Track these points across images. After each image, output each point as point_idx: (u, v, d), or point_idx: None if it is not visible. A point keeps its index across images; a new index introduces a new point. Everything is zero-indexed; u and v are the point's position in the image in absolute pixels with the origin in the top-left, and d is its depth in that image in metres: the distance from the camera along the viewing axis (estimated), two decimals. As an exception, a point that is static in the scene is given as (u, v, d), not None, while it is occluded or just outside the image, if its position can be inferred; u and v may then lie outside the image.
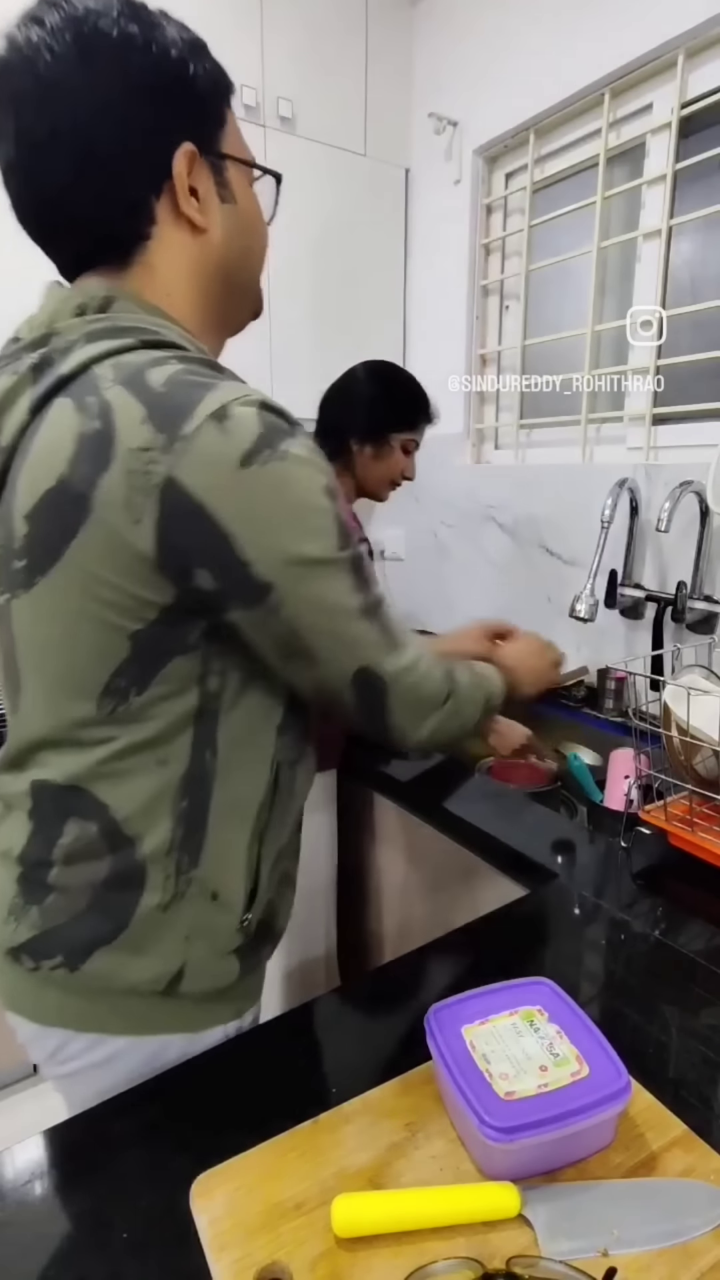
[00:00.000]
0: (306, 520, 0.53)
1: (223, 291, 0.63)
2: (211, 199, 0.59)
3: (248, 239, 0.63)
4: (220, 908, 0.62)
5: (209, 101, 0.57)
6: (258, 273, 0.66)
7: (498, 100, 1.62)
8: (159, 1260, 0.48)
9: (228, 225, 0.60)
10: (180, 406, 0.49)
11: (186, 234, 0.58)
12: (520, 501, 1.68)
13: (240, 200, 0.61)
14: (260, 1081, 0.62)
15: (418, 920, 1.23)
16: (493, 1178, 0.50)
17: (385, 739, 0.63)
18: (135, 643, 0.53)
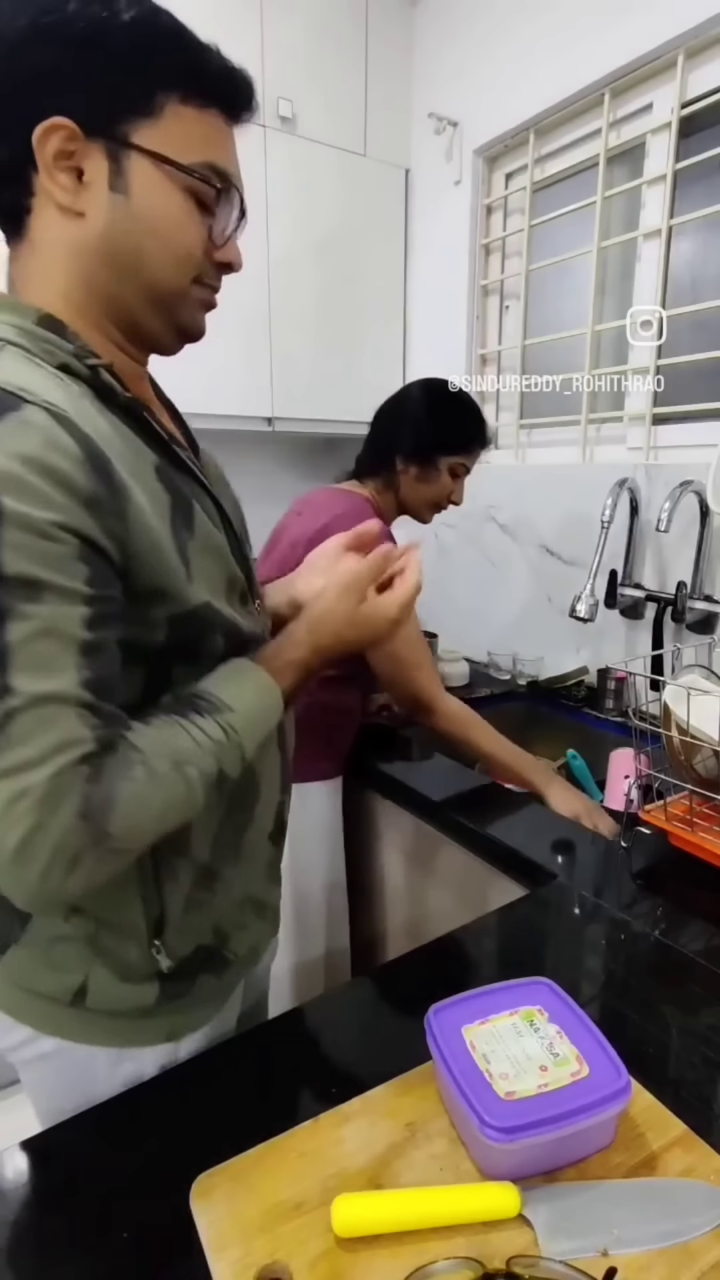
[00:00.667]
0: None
1: (114, 287, 0.57)
2: (99, 184, 0.54)
3: (142, 240, 0.56)
4: (118, 934, 0.59)
5: (121, 83, 0.52)
6: (165, 284, 0.58)
7: (498, 100, 1.62)
8: (159, 1260, 0.48)
9: (115, 217, 0.54)
10: None
11: (63, 215, 0.54)
12: (520, 501, 1.68)
13: (139, 196, 0.54)
14: (260, 1081, 0.62)
15: (417, 920, 1.23)
16: (493, 1178, 0.50)
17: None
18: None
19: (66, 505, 0.46)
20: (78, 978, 0.59)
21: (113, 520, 0.49)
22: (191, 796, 0.52)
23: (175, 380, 1.27)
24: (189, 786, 0.52)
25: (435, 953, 0.80)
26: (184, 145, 0.55)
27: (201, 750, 0.53)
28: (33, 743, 0.44)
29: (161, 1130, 0.57)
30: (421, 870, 1.20)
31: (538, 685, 1.59)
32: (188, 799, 0.52)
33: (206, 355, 1.79)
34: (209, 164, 0.56)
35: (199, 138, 0.56)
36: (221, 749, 0.54)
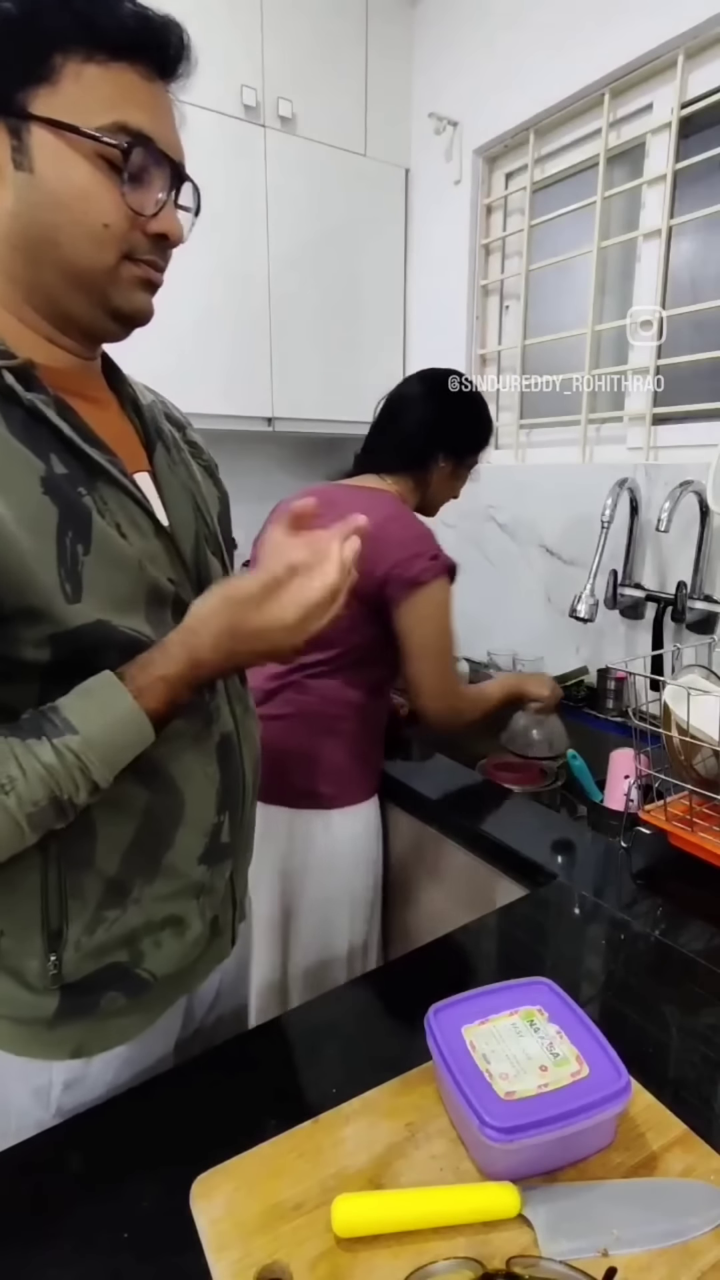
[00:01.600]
0: None
1: (28, 275, 0.53)
2: (3, 163, 0.50)
3: (54, 217, 0.51)
4: (18, 941, 0.57)
5: (14, 48, 0.48)
6: (82, 261, 0.53)
7: (498, 100, 1.62)
8: (159, 1260, 0.48)
9: (21, 196, 0.50)
10: None
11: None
12: (520, 501, 1.68)
13: (45, 170, 0.50)
14: (261, 1081, 0.62)
15: (418, 920, 1.23)
16: (493, 1178, 0.50)
17: None
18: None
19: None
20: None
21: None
22: (5, 826, 0.48)
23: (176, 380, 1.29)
24: (3, 812, 0.48)
25: (435, 953, 0.80)
26: (89, 108, 0.49)
27: (26, 777, 0.48)
28: None
29: (161, 1130, 0.57)
30: (421, 870, 1.20)
31: (538, 685, 1.59)
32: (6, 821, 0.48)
33: (207, 355, 1.80)
34: (119, 124, 0.50)
35: (106, 98, 0.50)
36: (54, 775, 0.49)
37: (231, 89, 1.53)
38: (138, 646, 0.55)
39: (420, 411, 1.17)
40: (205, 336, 1.61)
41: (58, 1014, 0.59)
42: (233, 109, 1.54)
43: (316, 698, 1.11)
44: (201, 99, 1.50)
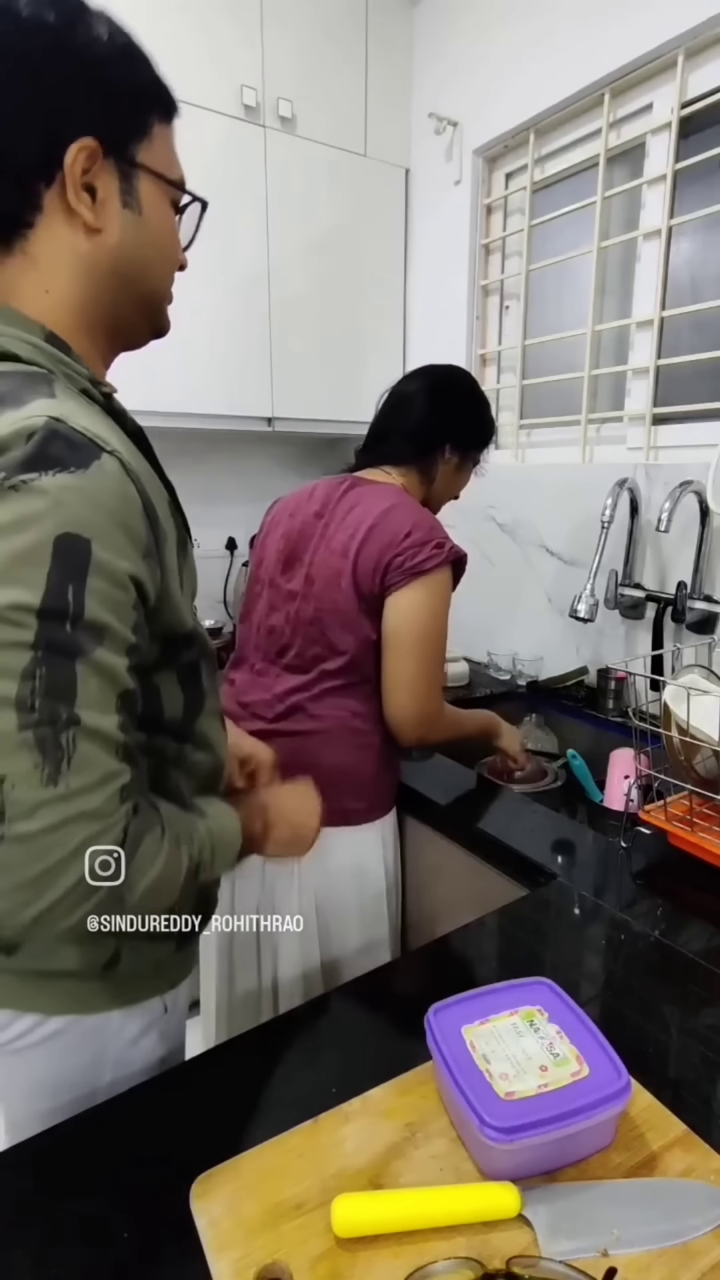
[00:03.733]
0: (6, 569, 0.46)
1: (115, 298, 0.60)
2: (112, 202, 0.57)
3: (149, 252, 0.60)
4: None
5: (128, 106, 0.56)
6: (159, 291, 0.63)
7: (498, 100, 1.62)
8: (159, 1260, 0.48)
9: (128, 232, 0.58)
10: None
11: (78, 231, 0.56)
12: (520, 501, 1.68)
13: (148, 213, 0.59)
14: (260, 1081, 0.62)
15: (417, 920, 1.23)
16: (493, 1178, 0.50)
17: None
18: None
19: (135, 558, 0.50)
20: (110, 948, 0.62)
21: (155, 568, 0.53)
22: (178, 874, 0.54)
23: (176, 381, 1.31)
24: (184, 863, 0.54)
25: (435, 953, 0.80)
26: (169, 163, 0.60)
27: (195, 838, 0.56)
28: (87, 774, 0.47)
29: (161, 1130, 0.57)
30: (421, 870, 1.20)
31: (538, 685, 1.59)
32: (174, 876, 0.54)
33: (207, 355, 1.80)
34: (182, 179, 0.62)
35: (171, 154, 0.60)
36: (203, 847, 0.57)
37: (231, 89, 1.54)
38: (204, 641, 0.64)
39: (427, 403, 1.15)
40: (205, 336, 1.61)
41: (175, 950, 0.68)
42: (233, 109, 1.55)
43: (338, 713, 1.07)
44: (201, 99, 1.50)
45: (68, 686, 0.46)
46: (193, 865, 0.56)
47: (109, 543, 0.48)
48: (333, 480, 1.16)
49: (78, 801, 0.46)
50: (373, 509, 1.05)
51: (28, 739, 0.45)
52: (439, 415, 1.14)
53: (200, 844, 0.57)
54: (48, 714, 0.45)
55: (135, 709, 0.52)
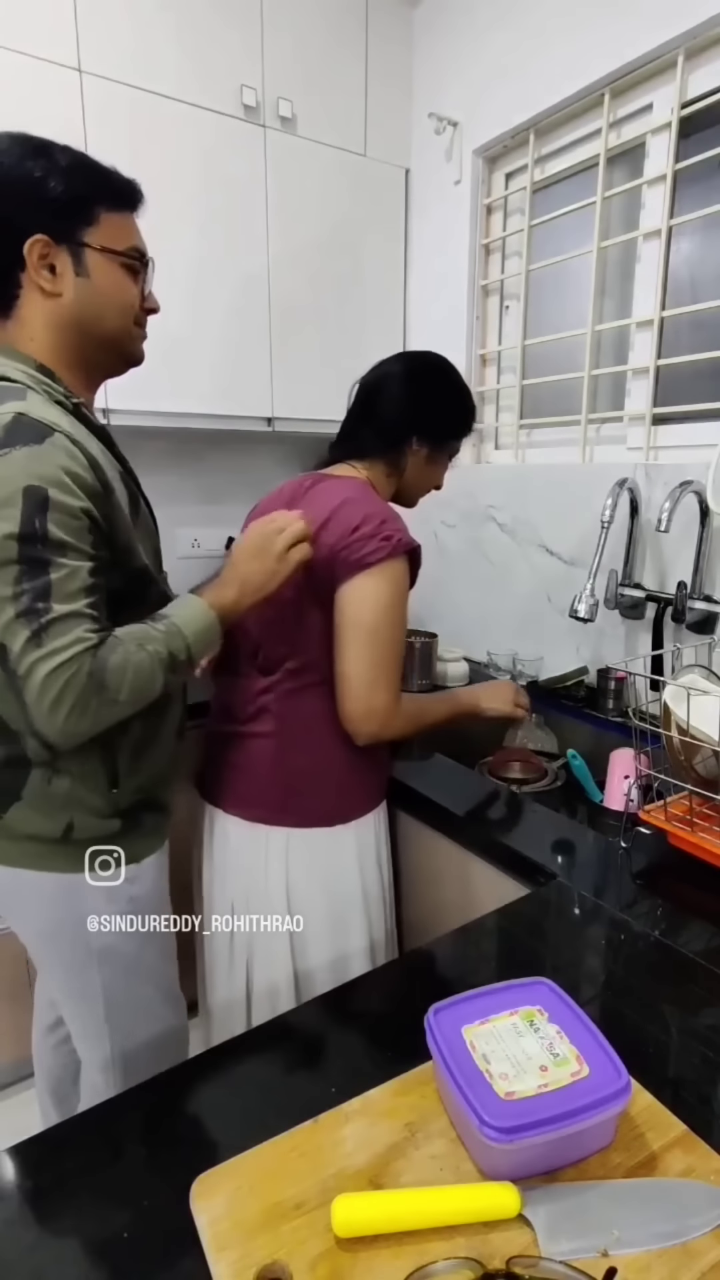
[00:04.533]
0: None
1: (80, 341, 0.83)
2: (68, 274, 0.80)
3: (100, 308, 0.83)
4: (89, 787, 0.86)
5: (72, 208, 0.79)
6: (116, 333, 0.85)
7: (498, 100, 1.62)
8: (159, 1260, 0.48)
9: (80, 293, 0.81)
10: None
11: (44, 298, 0.80)
12: (520, 501, 1.68)
13: (95, 277, 0.81)
14: (260, 1081, 0.62)
15: (418, 920, 1.23)
16: (493, 1178, 0.50)
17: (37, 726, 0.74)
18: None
19: (83, 498, 0.74)
20: (65, 819, 0.85)
21: (105, 507, 0.77)
22: (152, 665, 0.78)
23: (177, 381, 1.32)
24: (150, 657, 0.78)
25: (435, 953, 0.80)
26: (116, 238, 0.82)
27: (156, 636, 0.80)
28: (63, 639, 0.71)
29: (161, 1130, 0.57)
30: (421, 870, 1.20)
31: (538, 685, 1.59)
32: (150, 666, 0.78)
33: (207, 356, 1.80)
34: (133, 248, 0.84)
35: (122, 231, 0.83)
36: (170, 637, 0.80)
37: (231, 89, 1.53)
38: (159, 589, 0.90)
39: (394, 393, 1.11)
40: (205, 337, 1.61)
41: (121, 831, 0.89)
42: (233, 109, 1.54)
43: (300, 714, 1.05)
44: (201, 99, 1.50)
45: (44, 587, 0.70)
46: (164, 655, 0.79)
47: (62, 489, 0.71)
48: (299, 478, 1.14)
49: (56, 656, 0.70)
50: (328, 505, 1.02)
51: (21, 623, 0.70)
52: (405, 406, 1.10)
53: (165, 636, 0.80)
54: (32, 606, 0.70)
55: (100, 594, 0.76)
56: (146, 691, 0.79)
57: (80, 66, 1.36)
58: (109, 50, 1.38)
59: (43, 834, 0.86)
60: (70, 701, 0.71)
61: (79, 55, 1.36)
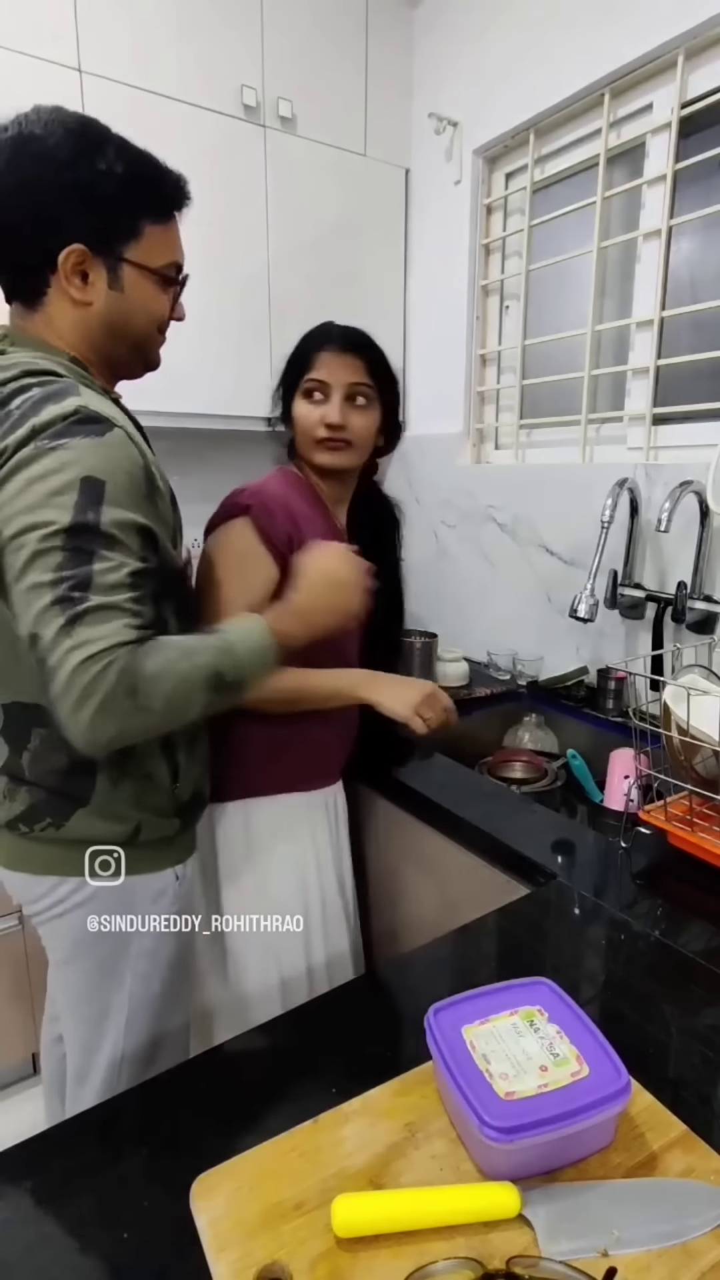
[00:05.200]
0: (42, 506, 0.67)
1: (109, 345, 0.82)
2: (100, 284, 0.78)
3: (128, 319, 0.81)
4: (154, 784, 0.85)
5: (117, 220, 0.77)
6: (143, 341, 0.85)
7: (498, 100, 1.62)
8: (159, 1260, 0.48)
9: (110, 305, 0.79)
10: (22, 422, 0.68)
11: (69, 303, 0.78)
12: (520, 501, 1.68)
13: (129, 291, 0.80)
14: (260, 1081, 0.62)
15: (418, 920, 1.23)
16: (493, 1178, 0.50)
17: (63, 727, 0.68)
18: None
19: (137, 498, 0.72)
20: (133, 822, 0.84)
21: (152, 507, 0.76)
22: (194, 679, 0.72)
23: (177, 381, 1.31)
24: (194, 670, 0.72)
25: (435, 953, 0.80)
26: (157, 253, 0.80)
27: (205, 649, 0.74)
28: (97, 629, 0.66)
29: (161, 1130, 0.58)
30: (422, 870, 1.20)
31: (538, 685, 1.59)
32: (192, 680, 0.72)
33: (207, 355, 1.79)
34: (171, 264, 0.83)
35: (164, 246, 0.81)
36: (220, 653, 0.75)
37: (231, 89, 1.53)
38: (188, 582, 0.93)
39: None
40: (205, 337, 1.61)
41: (177, 831, 0.90)
42: (233, 109, 1.54)
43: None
44: (201, 99, 1.50)
45: (85, 577, 0.66)
46: (209, 671, 0.73)
47: (117, 484, 0.69)
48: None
49: (88, 647, 0.65)
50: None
51: (55, 610, 0.65)
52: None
53: (216, 652, 0.74)
54: (69, 595, 0.65)
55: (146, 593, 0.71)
56: (184, 708, 0.73)
57: (80, 66, 1.36)
58: (109, 50, 1.38)
59: (110, 838, 0.83)
60: (98, 700, 0.65)
61: (79, 55, 1.36)
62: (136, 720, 0.68)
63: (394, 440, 1.20)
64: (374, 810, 1.29)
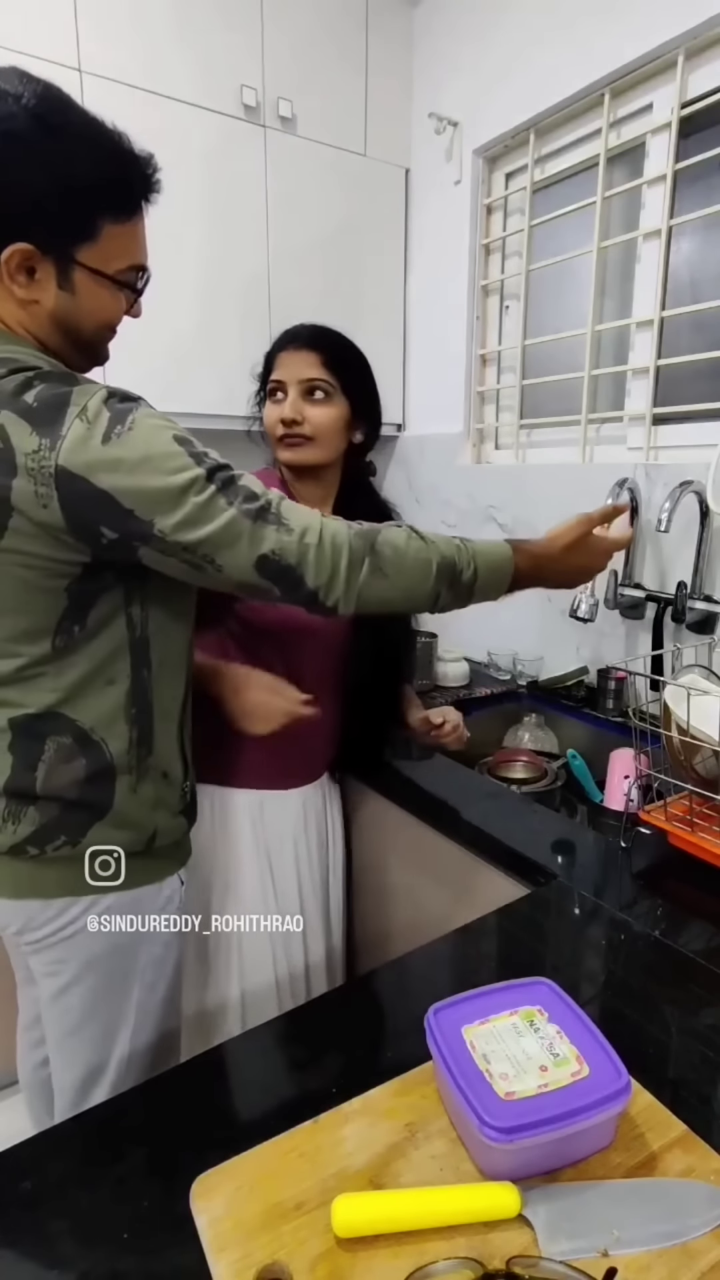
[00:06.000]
0: (164, 460, 0.67)
1: (60, 341, 0.76)
2: (49, 283, 0.71)
3: (82, 319, 0.75)
4: (169, 783, 0.84)
5: (69, 221, 0.70)
6: (94, 341, 0.79)
7: (498, 100, 1.62)
8: (159, 1260, 0.48)
9: (61, 304, 0.73)
10: (53, 415, 0.65)
11: (14, 301, 0.72)
12: (520, 501, 1.68)
13: (80, 293, 0.73)
14: (260, 1081, 0.62)
15: (418, 920, 1.23)
16: (493, 1178, 0.50)
17: (321, 609, 0.73)
18: (70, 594, 0.71)
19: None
20: (150, 828, 0.82)
21: None
22: (430, 561, 0.76)
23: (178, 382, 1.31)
24: (430, 550, 0.76)
25: (435, 953, 0.80)
26: (116, 256, 0.73)
27: (444, 540, 0.78)
28: (299, 515, 0.72)
29: (161, 1130, 0.57)
30: (422, 870, 1.20)
31: (538, 685, 1.59)
32: (428, 560, 0.76)
33: (208, 356, 1.79)
34: (133, 265, 0.76)
35: (124, 247, 0.73)
36: (460, 550, 0.78)
37: (231, 89, 1.53)
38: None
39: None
40: (206, 336, 1.61)
41: (185, 830, 0.89)
42: (233, 109, 1.54)
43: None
44: (201, 99, 1.50)
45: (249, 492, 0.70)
46: (447, 560, 0.77)
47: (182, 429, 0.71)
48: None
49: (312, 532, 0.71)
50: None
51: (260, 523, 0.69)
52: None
53: (456, 547, 0.78)
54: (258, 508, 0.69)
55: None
56: (417, 588, 0.76)
57: (80, 66, 1.36)
58: (109, 50, 1.38)
59: (128, 848, 0.80)
60: (345, 560, 0.71)
61: (79, 55, 1.36)
62: (375, 583, 0.73)
63: (373, 435, 1.16)
64: (374, 809, 1.29)
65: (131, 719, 0.78)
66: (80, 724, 0.75)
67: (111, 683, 0.76)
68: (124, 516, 0.66)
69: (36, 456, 0.64)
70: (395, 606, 0.77)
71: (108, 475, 0.65)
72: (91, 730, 0.76)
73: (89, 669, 0.74)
